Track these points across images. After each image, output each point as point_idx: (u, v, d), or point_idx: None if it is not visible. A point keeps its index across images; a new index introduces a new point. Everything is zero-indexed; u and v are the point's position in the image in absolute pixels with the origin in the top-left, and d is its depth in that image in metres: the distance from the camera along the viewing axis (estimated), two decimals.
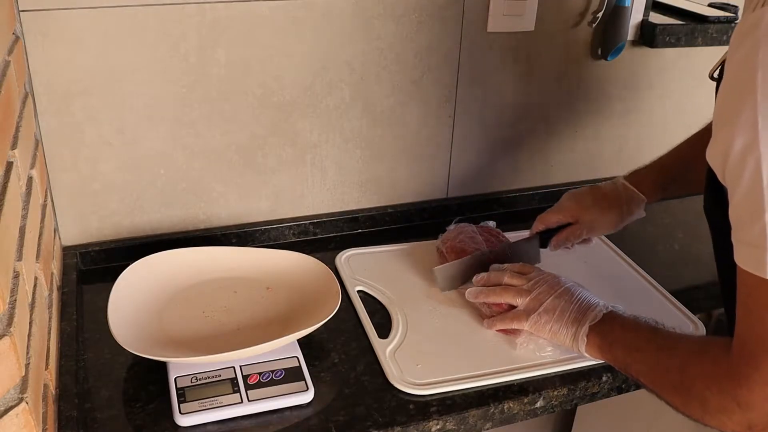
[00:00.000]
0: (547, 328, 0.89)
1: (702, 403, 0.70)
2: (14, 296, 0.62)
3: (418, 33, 1.14)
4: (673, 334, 0.81)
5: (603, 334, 0.86)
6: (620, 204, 1.07)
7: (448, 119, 1.24)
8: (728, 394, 0.66)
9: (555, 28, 1.23)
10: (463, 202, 1.30)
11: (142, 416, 0.82)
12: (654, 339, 0.81)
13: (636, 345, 0.82)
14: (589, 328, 0.86)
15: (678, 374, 0.73)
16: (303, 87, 1.12)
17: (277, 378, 0.85)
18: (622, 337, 0.84)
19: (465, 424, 0.85)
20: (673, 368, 0.75)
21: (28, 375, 0.63)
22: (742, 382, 0.64)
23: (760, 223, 0.59)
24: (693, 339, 0.81)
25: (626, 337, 0.84)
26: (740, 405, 0.65)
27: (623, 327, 0.85)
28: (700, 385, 0.70)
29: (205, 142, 1.10)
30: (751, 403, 0.64)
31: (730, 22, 1.30)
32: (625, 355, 0.83)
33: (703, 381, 0.69)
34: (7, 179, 0.68)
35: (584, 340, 0.86)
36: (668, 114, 1.40)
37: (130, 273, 0.96)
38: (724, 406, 0.67)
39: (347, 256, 1.14)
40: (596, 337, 0.86)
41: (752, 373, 0.63)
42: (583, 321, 0.87)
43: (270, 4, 1.04)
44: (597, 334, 0.86)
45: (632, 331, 0.84)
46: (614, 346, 0.84)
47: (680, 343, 0.77)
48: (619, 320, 0.86)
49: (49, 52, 0.97)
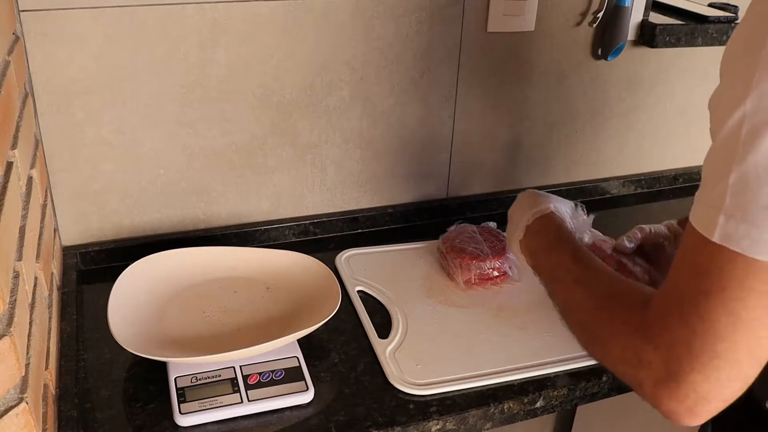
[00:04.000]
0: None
1: (605, 348, 0.66)
2: (14, 296, 0.62)
3: (418, 33, 1.14)
4: (596, 270, 0.76)
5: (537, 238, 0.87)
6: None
7: (448, 119, 1.24)
8: (633, 348, 0.62)
9: (555, 28, 1.23)
10: (463, 202, 1.30)
11: (142, 416, 0.82)
12: (574, 269, 0.77)
13: (557, 274, 0.80)
14: (527, 228, 0.87)
15: (588, 315, 0.70)
16: (303, 87, 1.12)
17: (277, 378, 0.85)
18: (546, 257, 0.84)
19: (465, 424, 0.85)
20: (585, 308, 0.71)
21: (28, 375, 0.63)
22: (650, 340, 0.60)
23: (723, 183, 0.55)
24: (614, 280, 0.74)
25: (551, 258, 0.83)
26: (641, 362, 0.61)
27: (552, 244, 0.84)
28: (607, 330, 0.66)
29: (205, 142, 1.10)
30: (652, 363, 0.60)
31: (730, 22, 1.30)
32: (547, 279, 0.82)
33: (612, 328, 0.66)
34: (7, 179, 0.68)
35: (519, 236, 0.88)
36: (668, 114, 1.40)
37: (130, 273, 0.96)
38: (625, 359, 0.63)
39: (347, 256, 1.14)
40: (530, 240, 0.87)
41: (662, 333, 0.60)
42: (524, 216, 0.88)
43: (270, 4, 1.04)
44: (532, 235, 0.87)
45: (557, 252, 0.82)
46: (539, 260, 0.85)
47: (599, 283, 0.73)
48: (554, 230, 0.86)
49: (49, 52, 0.97)
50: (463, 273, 1.06)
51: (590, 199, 1.39)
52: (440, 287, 1.07)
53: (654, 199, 1.43)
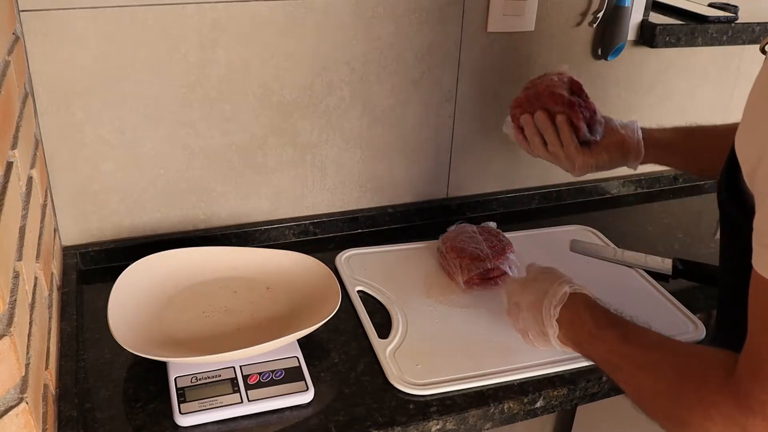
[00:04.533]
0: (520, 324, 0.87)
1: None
2: (14, 296, 0.62)
3: (418, 33, 1.14)
4: (655, 347, 0.70)
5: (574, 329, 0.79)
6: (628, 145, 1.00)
7: (448, 119, 1.24)
8: (736, 424, 0.57)
9: (555, 28, 1.23)
10: (463, 202, 1.30)
11: (142, 416, 0.82)
12: (631, 353, 0.71)
13: (613, 362, 0.72)
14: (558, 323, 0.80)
15: (669, 401, 0.64)
16: (303, 87, 1.12)
17: (277, 378, 0.85)
18: (593, 347, 0.76)
19: (465, 424, 0.85)
20: (661, 393, 0.65)
21: (28, 375, 0.63)
22: (755, 410, 0.56)
23: None
24: (681, 355, 0.67)
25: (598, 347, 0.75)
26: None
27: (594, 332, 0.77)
28: (699, 414, 0.60)
29: (205, 142, 1.10)
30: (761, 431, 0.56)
31: (730, 22, 1.30)
32: (604, 368, 0.75)
33: (703, 410, 0.60)
34: (7, 179, 0.68)
35: (555, 333, 0.81)
36: (668, 114, 1.40)
37: (130, 273, 0.96)
38: None
39: (347, 256, 1.14)
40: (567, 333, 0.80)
41: (765, 398, 0.55)
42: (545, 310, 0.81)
43: (270, 4, 1.04)
44: (567, 327, 0.80)
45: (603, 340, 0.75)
46: (586, 350, 0.77)
47: (665, 361, 0.67)
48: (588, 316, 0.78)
49: (49, 52, 0.97)
50: (463, 273, 1.05)
51: (590, 199, 1.39)
52: (440, 287, 1.07)
53: (654, 199, 1.43)
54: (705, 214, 1.36)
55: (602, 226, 1.28)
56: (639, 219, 1.35)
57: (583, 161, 0.99)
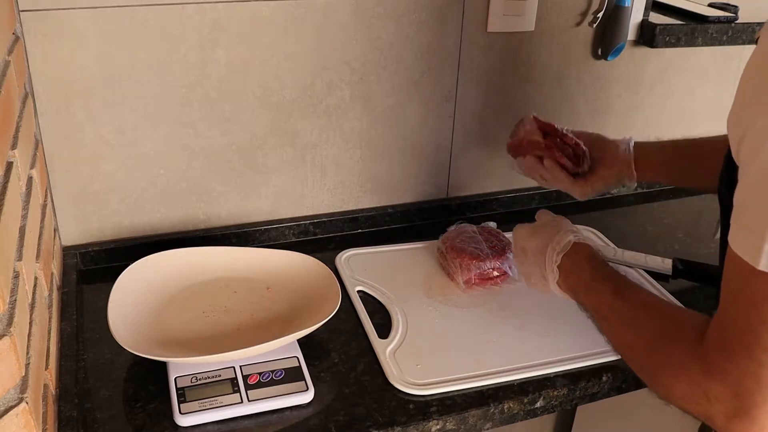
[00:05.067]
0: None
1: (668, 389, 0.66)
2: (14, 296, 0.62)
3: (418, 33, 1.14)
4: (641, 305, 0.75)
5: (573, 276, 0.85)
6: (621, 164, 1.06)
7: (448, 119, 1.24)
8: (698, 386, 0.61)
9: (555, 28, 1.23)
10: (463, 202, 1.30)
11: (142, 416, 0.82)
12: (618, 307, 0.76)
13: (602, 312, 0.79)
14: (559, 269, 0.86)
15: (644, 356, 0.70)
16: (303, 87, 1.12)
17: (277, 378, 0.85)
18: (587, 297, 0.82)
19: (465, 424, 0.85)
20: (639, 348, 0.71)
21: (28, 375, 0.63)
22: (718, 377, 0.60)
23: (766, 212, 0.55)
24: (662, 315, 0.73)
25: (592, 297, 0.81)
26: (709, 398, 0.61)
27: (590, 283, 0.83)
28: (667, 372, 0.65)
29: (205, 142, 1.10)
30: (721, 398, 0.60)
31: (730, 22, 1.30)
32: (593, 316, 0.81)
33: (671, 369, 0.65)
34: (7, 179, 0.68)
35: (555, 278, 0.87)
36: (668, 114, 1.40)
37: (130, 273, 0.96)
38: (692, 397, 0.63)
39: (347, 256, 1.14)
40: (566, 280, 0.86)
41: (728, 367, 0.59)
42: (549, 255, 0.87)
43: (270, 4, 1.04)
44: (567, 275, 0.86)
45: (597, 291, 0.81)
46: (581, 299, 0.84)
47: (648, 319, 0.72)
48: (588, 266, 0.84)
49: (49, 52, 0.97)
50: (463, 273, 1.05)
51: (590, 199, 1.39)
52: (440, 287, 1.07)
53: (654, 199, 1.43)
54: (705, 214, 1.36)
55: (602, 226, 1.28)
56: (639, 219, 1.35)
57: (581, 192, 1.08)
